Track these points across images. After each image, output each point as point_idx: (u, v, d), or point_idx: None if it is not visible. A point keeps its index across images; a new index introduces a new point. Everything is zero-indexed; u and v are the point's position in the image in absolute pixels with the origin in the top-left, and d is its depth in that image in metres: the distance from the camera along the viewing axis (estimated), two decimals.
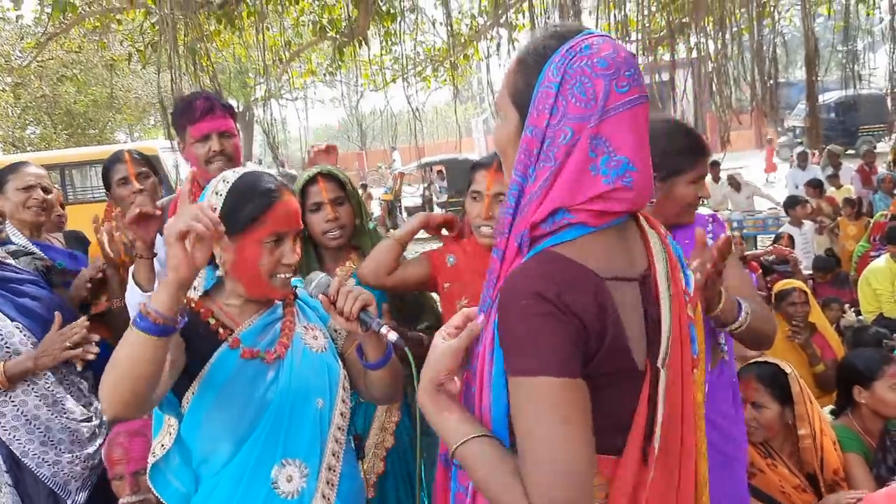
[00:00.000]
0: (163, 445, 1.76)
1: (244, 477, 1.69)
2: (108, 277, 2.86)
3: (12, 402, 2.46)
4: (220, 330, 1.74)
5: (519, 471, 1.15)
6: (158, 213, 2.36)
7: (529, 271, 1.20)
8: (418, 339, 2.53)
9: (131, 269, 2.51)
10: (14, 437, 2.45)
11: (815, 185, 9.88)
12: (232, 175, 1.77)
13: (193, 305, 1.76)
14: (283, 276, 1.74)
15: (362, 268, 2.41)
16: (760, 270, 6.54)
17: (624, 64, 1.22)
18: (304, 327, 1.86)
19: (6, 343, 2.45)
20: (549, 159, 1.22)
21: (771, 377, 2.87)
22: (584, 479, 1.12)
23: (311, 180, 2.50)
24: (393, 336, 1.63)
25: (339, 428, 1.83)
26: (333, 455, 1.80)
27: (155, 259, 2.40)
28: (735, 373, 2.37)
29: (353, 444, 1.93)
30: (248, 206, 1.69)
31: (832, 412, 3.22)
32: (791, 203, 8.63)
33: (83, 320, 2.54)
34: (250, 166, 1.85)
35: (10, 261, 2.61)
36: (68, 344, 2.45)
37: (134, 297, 2.43)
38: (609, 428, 1.22)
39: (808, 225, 8.40)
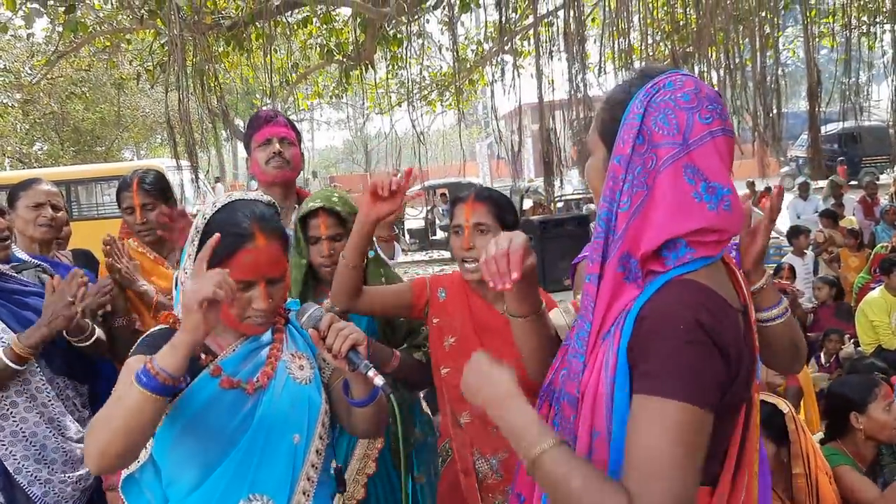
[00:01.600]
0: (138, 460, 1.69)
1: None
2: (113, 298, 2.89)
3: (13, 417, 2.45)
4: (203, 355, 1.67)
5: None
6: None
7: (684, 298, 1.23)
8: (417, 364, 2.52)
9: (175, 273, 2.60)
10: (10, 451, 2.44)
11: (830, 216, 9.86)
12: (223, 200, 1.72)
13: (178, 327, 1.65)
14: (253, 319, 1.67)
15: (331, 294, 2.34)
16: None
17: (706, 99, 1.29)
18: (292, 355, 1.78)
19: None
20: (641, 185, 1.28)
21: (767, 418, 2.86)
22: None
23: (313, 213, 2.47)
24: (379, 381, 1.59)
25: (312, 465, 1.75)
26: (304, 493, 1.72)
27: None
28: None
29: (333, 477, 1.86)
30: (221, 242, 1.60)
31: (821, 441, 3.22)
32: (794, 233, 8.63)
33: (78, 271, 2.51)
34: (251, 194, 1.79)
35: (14, 274, 2.63)
36: (70, 299, 2.41)
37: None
38: (708, 458, 1.25)
39: (810, 255, 8.40)
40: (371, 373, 1.59)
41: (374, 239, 2.97)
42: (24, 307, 2.52)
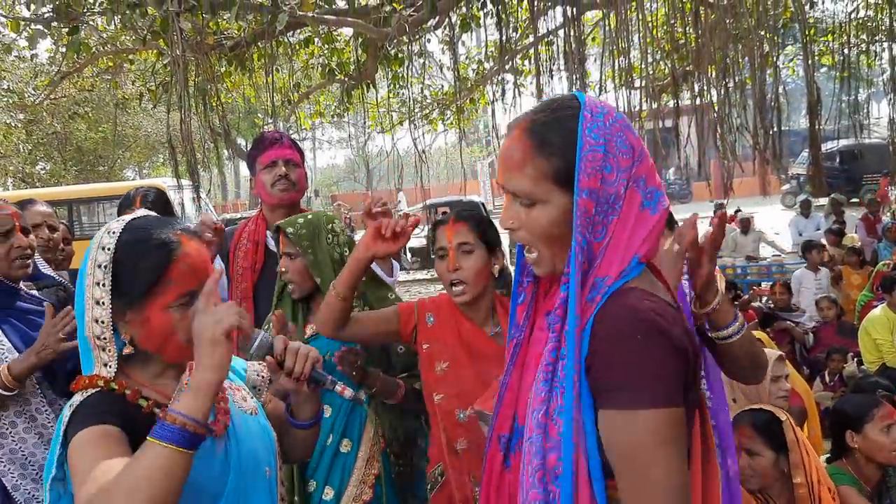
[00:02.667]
0: None
1: None
2: None
3: (12, 437, 2.43)
4: (156, 410, 1.41)
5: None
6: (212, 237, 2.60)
7: (634, 306, 1.25)
8: (417, 393, 2.49)
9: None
10: (8, 469, 2.41)
11: (837, 234, 9.89)
12: (117, 225, 1.48)
13: (116, 388, 1.45)
14: None
15: (317, 321, 2.36)
16: (757, 319, 6.56)
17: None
18: (230, 388, 1.63)
19: None
20: (615, 212, 1.30)
21: (765, 424, 2.85)
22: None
23: (277, 230, 2.59)
24: (349, 393, 1.58)
25: (282, 498, 1.64)
26: None
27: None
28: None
29: None
30: (142, 265, 1.42)
31: (827, 460, 3.20)
32: (807, 247, 8.59)
33: (71, 308, 2.43)
34: (140, 211, 1.60)
35: (34, 291, 2.60)
36: (62, 336, 2.35)
37: None
38: None
39: (824, 271, 8.33)
40: (339, 387, 1.56)
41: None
42: (34, 328, 2.48)
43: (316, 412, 1.66)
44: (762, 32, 6.42)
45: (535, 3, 6.43)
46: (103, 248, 1.44)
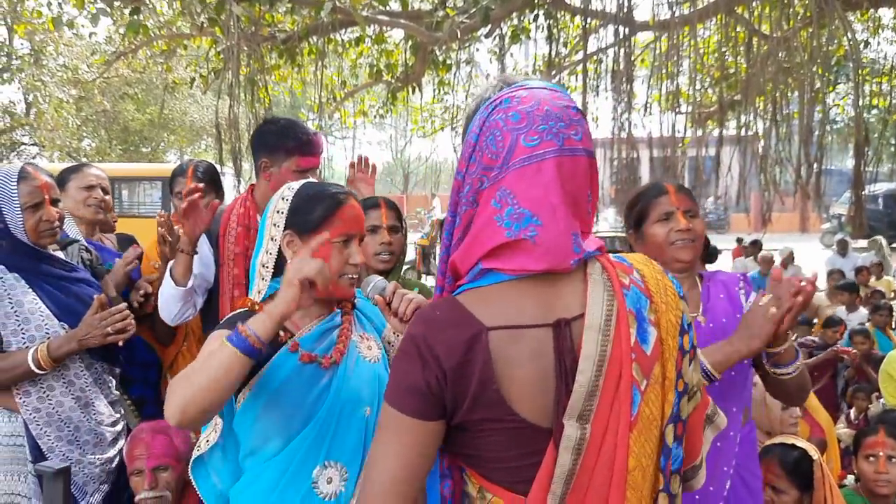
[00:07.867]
0: (208, 441, 1.87)
1: (287, 472, 1.74)
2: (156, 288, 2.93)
3: (49, 400, 2.49)
4: (281, 333, 1.78)
5: None
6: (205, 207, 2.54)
7: (420, 313, 1.29)
8: None
9: (170, 263, 2.64)
10: (44, 432, 2.48)
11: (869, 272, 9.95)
12: (296, 184, 1.89)
13: (257, 308, 1.78)
14: (349, 276, 1.82)
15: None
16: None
17: (541, 117, 1.21)
18: (360, 336, 1.91)
19: (49, 337, 2.48)
20: (470, 203, 1.28)
21: (794, 464, 2.82)
22: None
23: (374, 204, 2.70)
24: None
25: None
26: None
27: (195, 257, 2.60)
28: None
29: None
30: (318, 208, 1.81)
31: (857, 479, 3.18)
32: (844, 287, 8.58)
33: (124, 305, 2.57)
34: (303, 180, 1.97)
35: (60, 253, 2.66)
36: (110, 330, 2.47)
37: (167, 290, 2.61)
38: (514, 470, 1.23)
39: (861, 310, 8.24)
40: None
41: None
42: (68, 294, 2.56)
43: None
44: (814, 68, 6.35)
45: (587, 20, 6.45)
46: (283, 199, 1.84)
